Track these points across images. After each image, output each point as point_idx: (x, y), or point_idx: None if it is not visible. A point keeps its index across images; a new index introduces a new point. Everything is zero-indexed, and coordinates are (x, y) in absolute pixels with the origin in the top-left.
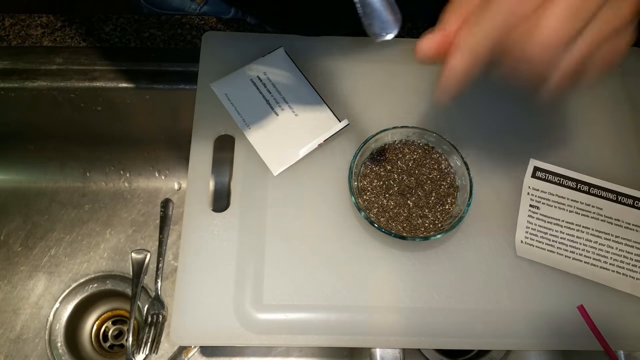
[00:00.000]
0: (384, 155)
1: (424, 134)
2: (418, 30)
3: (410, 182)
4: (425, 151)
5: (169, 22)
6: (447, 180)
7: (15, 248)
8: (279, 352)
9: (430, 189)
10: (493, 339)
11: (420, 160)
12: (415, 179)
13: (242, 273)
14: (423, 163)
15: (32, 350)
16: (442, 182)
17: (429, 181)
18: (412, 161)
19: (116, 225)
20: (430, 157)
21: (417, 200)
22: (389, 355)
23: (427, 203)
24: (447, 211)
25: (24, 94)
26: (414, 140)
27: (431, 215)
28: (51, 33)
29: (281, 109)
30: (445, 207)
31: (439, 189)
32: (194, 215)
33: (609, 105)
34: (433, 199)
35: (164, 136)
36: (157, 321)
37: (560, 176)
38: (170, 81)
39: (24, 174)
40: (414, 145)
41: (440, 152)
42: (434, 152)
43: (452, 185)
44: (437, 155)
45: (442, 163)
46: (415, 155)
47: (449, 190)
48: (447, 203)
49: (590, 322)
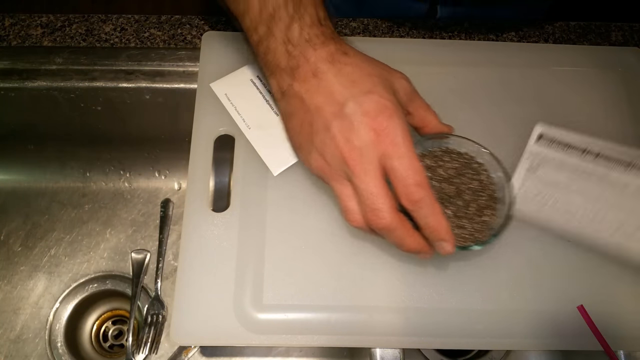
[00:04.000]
0: (423, 162)
1: (465, 143)
2: (418, 31)
3: (450, 191)
4: (465, 160)
5: (169, 22)
6: (487, 192)
7: (15, 248)
8: (279, 352)
9: (470, 199)
10: (493, 339)
11: (460, 169)
12: (456, 188)
13: (242, 273)
14: (463, 172)
15: (32, 350)
16: (481, 193)
17: (468, 191)
18: (452, 169)
19: (116, 225)
20: (470, 167)
21: (456, 210)
22: (389, 355)
23: (466, 213)
24: (485, 223)
25: (24, 94)
26: (455, 149)
27: (470, 226)
28: (51, 33)
29: None
30: (483, 218)
31: (478, 200)
32: (194, 215)
33: (609, 104)
34: (472, 209)
35: (164, 136)
36: (157, 321)
37: (566, 144)
38: (170, 81)
39: (24, 173)
40: (454, 154)
41: (481, 162)
42: (474, 162)
43: (492, 197)
44: (477, 166)
45: (482, 174)
46: (456, 164)
47: (489, 202)
48: (486, 215)
49: (590, 322)
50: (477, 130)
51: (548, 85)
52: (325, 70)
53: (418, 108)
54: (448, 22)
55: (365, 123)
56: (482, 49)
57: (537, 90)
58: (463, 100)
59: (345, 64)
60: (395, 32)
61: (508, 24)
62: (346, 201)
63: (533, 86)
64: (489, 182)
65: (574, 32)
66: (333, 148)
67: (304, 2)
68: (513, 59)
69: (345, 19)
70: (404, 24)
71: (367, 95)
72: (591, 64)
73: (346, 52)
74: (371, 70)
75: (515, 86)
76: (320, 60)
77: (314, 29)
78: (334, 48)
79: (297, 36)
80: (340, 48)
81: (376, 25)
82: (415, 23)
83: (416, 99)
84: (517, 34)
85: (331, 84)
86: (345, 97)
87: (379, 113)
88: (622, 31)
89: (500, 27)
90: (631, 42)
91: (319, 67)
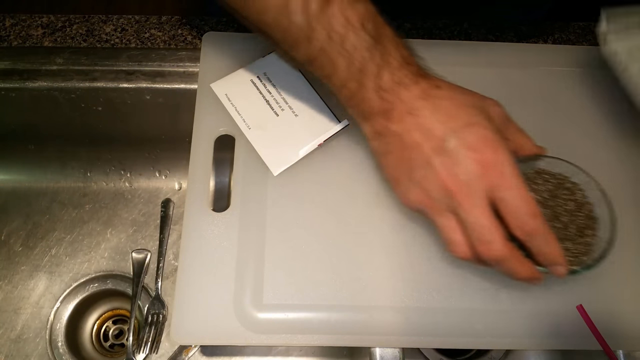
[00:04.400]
0: None
1: (557, 163)
2: (418, 31)
3: (547, 215)
4: (558, 181)
5: (169, 23)
6: (584, 211)
7: (15, 248)
8: (279, 352)
9: (568, 220)
10: (493, 338)
11: (554, 190)
12: (552, 211)
13: (242, 273)
14: (557, 194)
15: (33, 349)
16: (578, 213)
17: (565, 213)
18: (546, 192)
19: (117, 225)
20: (564, 187)
21: (557, 233)
22: (389, 355)
23: (567, 235)
24: (587, 243)
25: (24, 94)
26: (547, 169)
27: (573, 247)
28: (52, 33)
29: (281, 109)
30: (585, 239)
31: (577, 221)
32: (194, 215)
33: (609, 104)
34: (572, 231)
35: (164, 136)
36: (158, 321)
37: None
38: (170, 81)
39: (24, 174)
40: (546, 175)
41: (575, 181)
42: (568, 182)
43: (589, 216)
44: (572, 185)
45: (576, 193)
46: (549, 185)
47: (587, 221)
48: (587, 235)
49: (590, 322)
50: None
51: (548, 86)
52: (420, 107)
53: (514, 133)
54: (448, 22)
55: (470, 157)
56: (481, 49)
57: (537, 90)
58: None
59: (439, 98)
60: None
61: (508, 24)
62: (451, 233)
63: (533, 86)
64: (584, 202)
65: (574, 32)
66: (436, 182)
67: (387, 47)
68: (513, 59)
69: None
70: (404, 24)
71: (467, 128)
72: (591, 64)
73: (438, 85)
74: (465, 101)
75: (515, 86)
76: (413, 99)
77: (402, 71)
78: (426, 84)
79: (388, 81)
80: (431, 82)
81: None
82: (415, 23)
83: (511, 124)
84: (517, 34)
85: (428, 120)
86: (445, 132)
87: (483, 145)
88: None
89: (500, 27)
90: None
91: (413, 106)
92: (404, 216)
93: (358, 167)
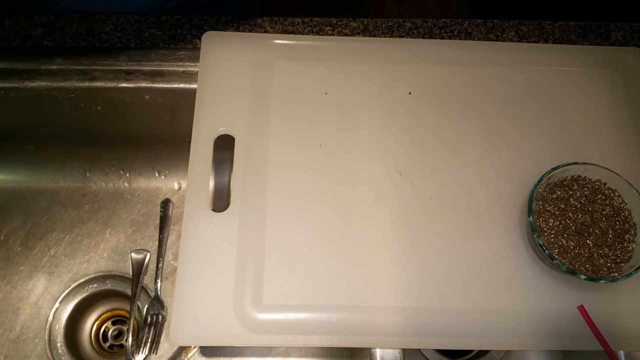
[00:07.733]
0: (554, 193)
1: (593, 169)
2: (418, 31)
3: (586, 221)
4: (595, 187)
5: (169, 22)
6: (621, 217)
7: (15, 248)
8: (279, 352)
9: (606, 226)
10: (493, 339)
11: (591, 196)
12: (590, 217)
13: (242, 273)
14: (594, 200)
15: (32, 350)
16: (616, 219)
17: (603, 218)
18: (583, 198)
19: (116, 225)
20: (601, 192)
21: (596, 239)
22: (389, 355)
23: (605, 241)
24: (626, 249)
25: (24, 94)
26: (584, 176)
27: (612, 253)
28: (51, 33)
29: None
30: (624, 244)
31: (615, 226)
32: (194, 215)
33: (609, 104)
34: (610, 236)
35: (164, 136)
36: (157, 321)
37: None
38: (170, 81)
39: (23, 174)
40: (583, 181)
41: (613, 187)
42: (605, 188)
43: (627, 221)
44: (609, 191)
45: (614, 199)
46: (586, 191)
47: (625, 226)
48: (625, 240)
49: (590, 322)
50: (477, 130)
51: (548, 85)
52: None
53: None
54: (448, 22)
55: None
56: (482, 49)
57: (537, 90)
58: (463, 100)
59: None
60: (395, 32)
61: (508, 24)
62: None
63: (533, 86)
64: (621, 207)
65: (574, 32)
66: None
67: None
68: (513, 59)
69: (345, 19)
70: (404, 24)
71: None
72: (591, 64)
73: None
74: None
75: (515, 86)
76: None
77: None
78: None
79: None
80: None
81: (376, 25)
82: (415, 23)
83: None
84: (517, 34)
85: None
86: None
87: None
88: (622, 31)
89: (500, 27)
90: (631, 42)
91: None
92: (404, 216)
93: (358, 167)
